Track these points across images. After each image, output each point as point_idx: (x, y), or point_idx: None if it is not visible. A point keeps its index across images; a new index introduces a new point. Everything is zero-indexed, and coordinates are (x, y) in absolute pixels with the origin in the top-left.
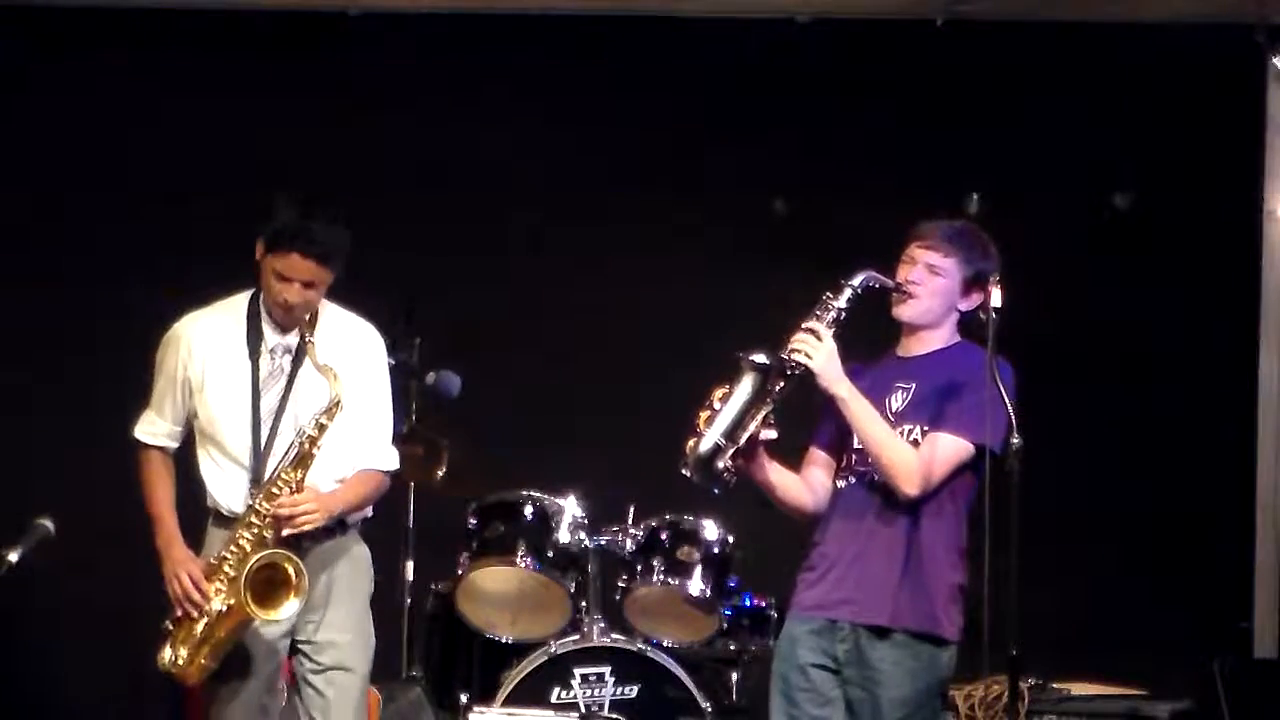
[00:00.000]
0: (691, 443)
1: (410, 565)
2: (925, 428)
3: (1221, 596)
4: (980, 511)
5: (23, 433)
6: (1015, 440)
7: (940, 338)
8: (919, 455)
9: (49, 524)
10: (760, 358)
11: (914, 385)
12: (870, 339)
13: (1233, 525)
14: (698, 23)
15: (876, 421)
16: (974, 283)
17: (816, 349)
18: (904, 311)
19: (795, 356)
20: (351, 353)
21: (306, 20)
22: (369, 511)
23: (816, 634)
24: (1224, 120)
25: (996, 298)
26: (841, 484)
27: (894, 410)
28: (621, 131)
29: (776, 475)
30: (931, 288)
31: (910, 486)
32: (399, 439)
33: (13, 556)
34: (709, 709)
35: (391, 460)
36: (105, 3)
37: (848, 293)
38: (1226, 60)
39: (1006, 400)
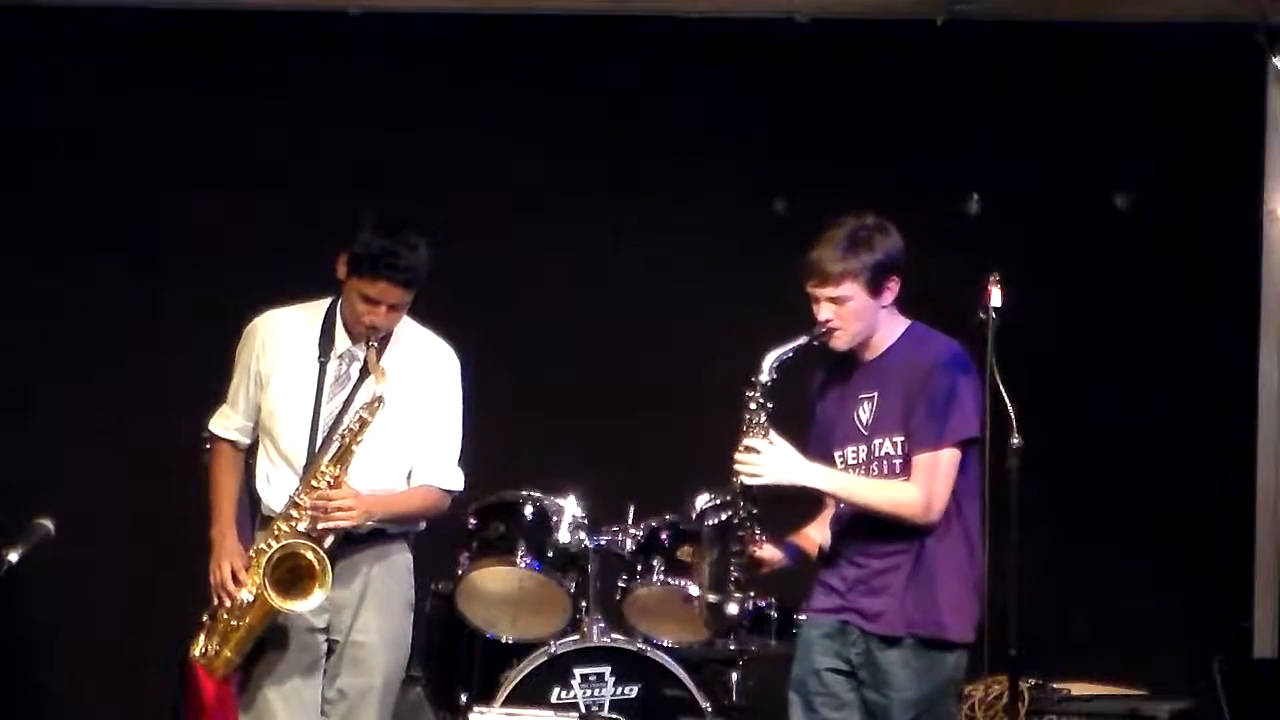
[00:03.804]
0: (696, 609)
1: (412, 565)
2: (897, 439)
3: (1221, 596)
4: (980, 510)
5: (23, 433)
6: (1015, 440)
7: (888, 336)
8: (917, 486)
9: (49, 524)
10: (716, 512)
11: (876, 394)
12: None
13: (1233, 525)
14: (698, 23)
15: (863, 486)
16: (881, 277)
17: (764, 465)
18: (840, 344)
19: (749, 483)
20: (425, 370)
21: (306, 20)
22: (421, 525)
23: (829, 638)
24: (1224, 120)
25: (996, 297)
26: None
27: (864, 423)
28: (622, 131)
29: (789, 551)
30: (847, 314)
31: (924, 518)
32: None
33: (13, 556)
34: (709, 709)
35: (454, 480)
36: (104, 3)
37: (761, 390)
38: (1226, 60)
39: (985, 393)
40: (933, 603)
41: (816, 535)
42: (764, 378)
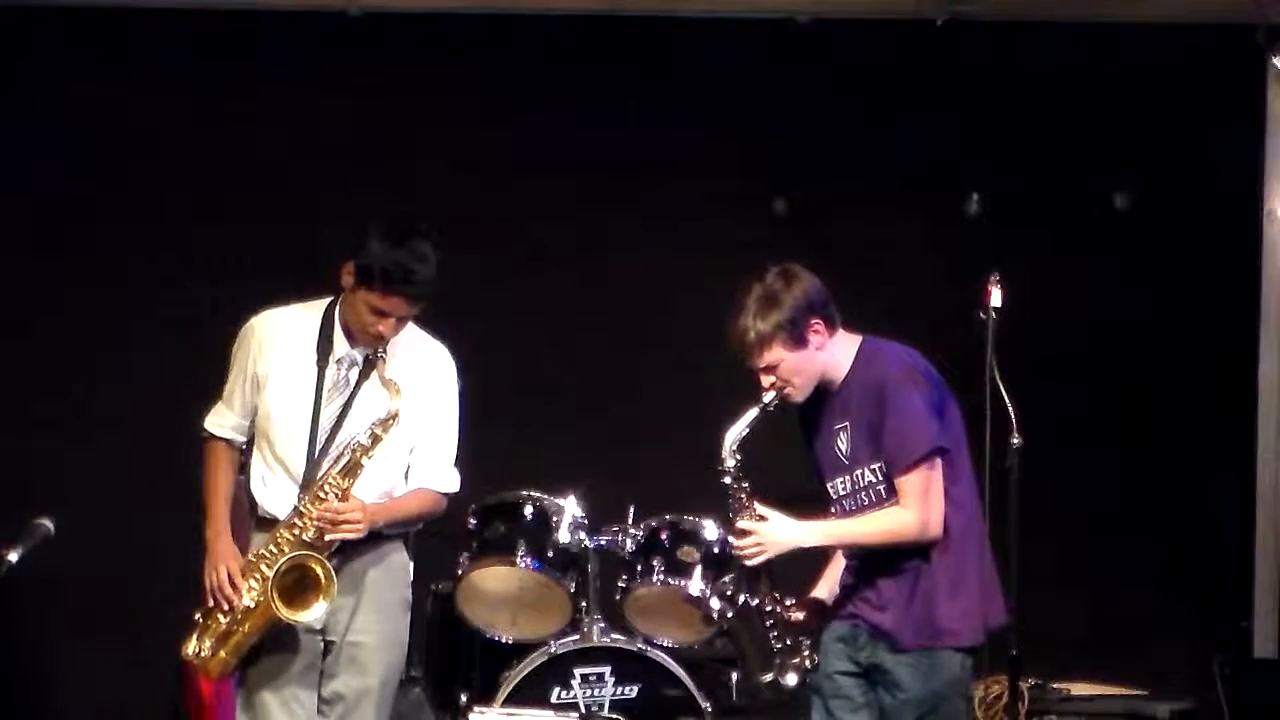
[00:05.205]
0: (770, 694)
1: (410, 565)
2: (875, 465)
3: (1221, 596)
4: (979, 507)
5: (22, 433)
6: (1015, 440)
7: (842, 364)
8: (909, 510)
9: (49, 524)
10: (725, 611)
11: (848, 423)
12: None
13: (1233, 525)
14: (698, 23)
15: (858, 527)
16: (800, 329)
17: (762, 544)
18: (796, 399)
19: (754, 563)
20: (422, 372)
21: (306, 20)
22: (417, 525)
23: (843, 641)
24: (1224, 120)
25: (996, 297)
26: (835, 511)
27: (845, 454)
28: (622, 131)
29: (829, 592)
30: (788, 373)
31: (926, 537)
32: None
33: (13, 556)
34: (709, 709)
35: (451, 482)
36: (105, 3)
37: (731, 474)
38: (1226, 60)
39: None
40: (936, 613)
41: (823, 593)
42: (729, 463)
